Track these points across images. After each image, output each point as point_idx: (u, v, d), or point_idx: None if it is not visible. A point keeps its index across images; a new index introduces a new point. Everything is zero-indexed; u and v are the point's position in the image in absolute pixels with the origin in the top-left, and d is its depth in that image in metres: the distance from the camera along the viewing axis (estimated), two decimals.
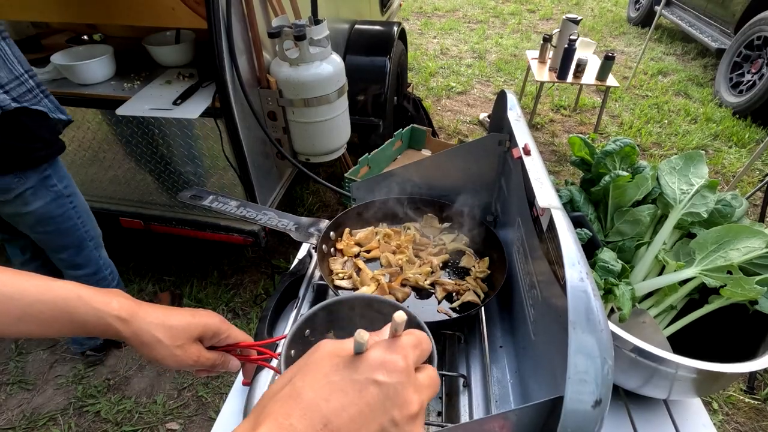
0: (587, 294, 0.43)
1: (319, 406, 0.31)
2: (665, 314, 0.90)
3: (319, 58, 1.75)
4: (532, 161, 0.67)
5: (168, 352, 0.55)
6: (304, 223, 1.06)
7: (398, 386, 0.33)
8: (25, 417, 1.75)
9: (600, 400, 0.41)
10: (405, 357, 0.34)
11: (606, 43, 5.48)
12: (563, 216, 0.53)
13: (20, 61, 1.25)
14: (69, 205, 1.49)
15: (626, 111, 4.02)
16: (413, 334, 0.37)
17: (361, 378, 0.32)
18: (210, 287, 2.29)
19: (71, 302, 0.51)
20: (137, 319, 0.53)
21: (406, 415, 0.33)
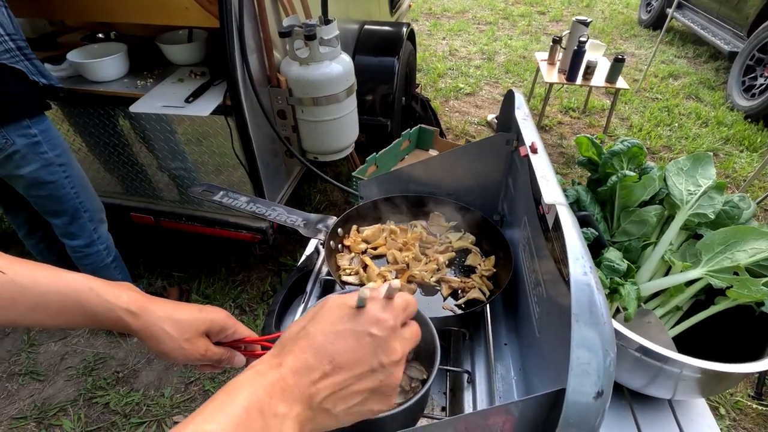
0: (590, 287, 0.44)
1: (326, 347, 0.41)
2: (671, 315, 0.90)
3: (329, 58, 1.76)
4: (539, 159, 0.67)
5: (176, 346, 0.56)
6: (312, 220, 1.08)
7: (387, 339, 0.43)
8: (37, 407, 1.79)
9: (602, 392, 0.42)
10: (395, 317, 0.44)
11: (616, 46, 5.44)
12: (568, 212, 0.53)
13: (2, 23, 1.34)
14: (62, 173, 1.55)
15: (636, 114, 3.99)
16: (403, 297, 0.47)
17: (360, 329, 0.43)
18: (218, 283, 2.32)
19: (83, 294, 0.53)
20: (146, 312, 0.55)
21: (391, 359, 0.43)
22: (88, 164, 1.99)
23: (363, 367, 0.42)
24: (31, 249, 1.92)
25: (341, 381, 0.41)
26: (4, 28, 1.34)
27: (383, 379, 0.43)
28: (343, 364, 0.41)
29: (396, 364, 0.43)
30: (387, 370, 0.43)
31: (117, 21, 2.10)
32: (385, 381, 0.43)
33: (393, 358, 0.43)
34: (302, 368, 0.40)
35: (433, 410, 0.81)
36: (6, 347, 2.02)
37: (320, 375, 0.40)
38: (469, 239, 1.09)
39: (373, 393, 0.43)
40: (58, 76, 1.77)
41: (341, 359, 0.41)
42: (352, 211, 1.10)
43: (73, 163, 1.60)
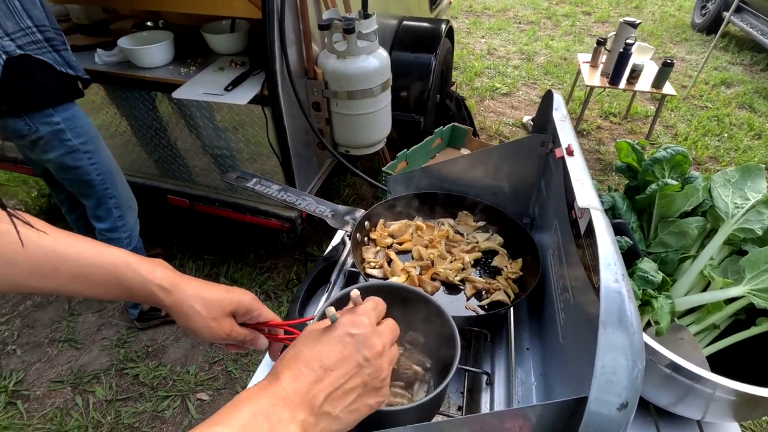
0: (621, 295, 0.42)
1: (315, 356, 0.46)
2: (707, 333, 0.86)
3: (366, 52, 1.77)
4: (575, 162, 0.65)
5: (203, 323, 0.58)
6: (340, 211, 1.09)
7: (365, 335, 0.48)
8: (73, 373, 1.90)
9: (626, 404, 0.41)
10: (368, 316, 0.50)
11: (665, 50, 5.20)
12: (602, 217, 0.52)
13: (32, 16, 1.37)
14: (87, 160, 1.60)
15: (682, 122, 3.80)
16: (370, 300, 0.53)
17: (340, 333, 0.48)
18: (246, 269, 2.38)
19: (121, 268, 0.55)
20: (178, 290, 0.57)
21: (374, 353, 0.47)
22: (132, 146, 2.08)
23: (350, 364, 0.46)
24: (72, 224, 2.03)
25: (334, 381, 0.45)
26: (33, 20, 1.38)
27: (371, 372, 0.47)
28: (332, 366, 0.45)
29: (379, 355, 0.48)
30: (372, 364, 0.47)
31: (166, 10, 2.18)
32: (373, 374, 0.47)
33: (375, 350, 0.47)
34: (298, 379, 0.44)
35: (450, 408, 0.80)
36: (49, 315, 2.15)
37: (314, 379, 0.44)
38: (496, 240, 1.07)
39: (365, 387, 0.47)
40: (109, 62, 1.87)
41: (330, 362, 0.45)
42: (379, 205, 1.10)
43: (101, 150, 1.64)
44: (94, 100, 1.95)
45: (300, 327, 0.85)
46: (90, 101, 1.95)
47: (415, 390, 0.74)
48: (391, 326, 0.52)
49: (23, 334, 2.05)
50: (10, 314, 2.14)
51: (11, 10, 1.32)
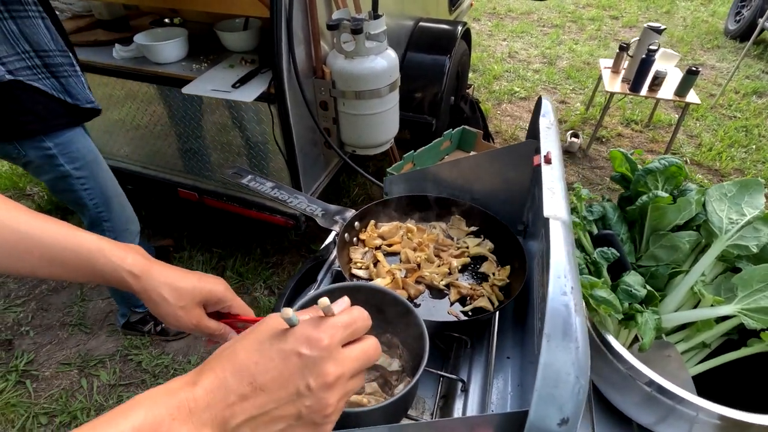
0: (568, 308, 0.41)
1: (249, 367, 0.38)
2: (696, 351, 0.82)
3: (375, 53, 1.77)
4: (551, 170, 0.64)
5: (171, 311, 0.58)
6: (331, 210, 1.10)
7: (317, 359, 0.38)
8: (80, 356, 1.97)
9: (567, 419, 0.39)
10: (330, 336, 0.40)
11: (695, 56, 5.02)
12: (562, 228, 0.50)
13: (31, 40, 1.29)
14: (80, 186, 1.52)
15: (707, 131, 3.67)
16: (350, 312, 0.43)
17: (287, 348, 0.39)
18: (252, 263, 2.42)
19: (93, 253, 0.57)
20: (148, 276, 0.58)
21: (321, 383, 0.38)
22: (146, 140, 2.14)
23: (287, 390, 0.38)
24: None
25: (261, 404, 0.38)
26: (32, 44, 1.29)
27: (311, 405, 0.39)
28: (264, 386, 0.38)
29: (328, 388, 0.39)
30: (315, 395, 0.39)
31: (183, 7, 2.23)
32: (312, 407, 0.39)
33: (325, 380, 0.38)
34: (219, 389, 0.37)
35: (423, 414, 0.80)
36: (62, 299, 2.23)
37: (238, 397, 0.37)
38: (487, 246, 1.06)
39: (300, 420, 0.39)
40: (126, 57, 1.92)
41: (263, 380, 0.38)
42: (372, 206, 1.10)
43: (98, 175, 1.55)
44: (111, 94, 2.01)
45: None
46: (107, 95, 2.01)
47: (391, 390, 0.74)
48: (362, 352, 0.42)
49: (37, 317, 2.14)
50: (26, 297, 2.23)
51: (5, 33, 1.24)
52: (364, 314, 0.44)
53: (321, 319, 0.41)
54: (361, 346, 0.43)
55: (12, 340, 2.03)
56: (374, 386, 0.72)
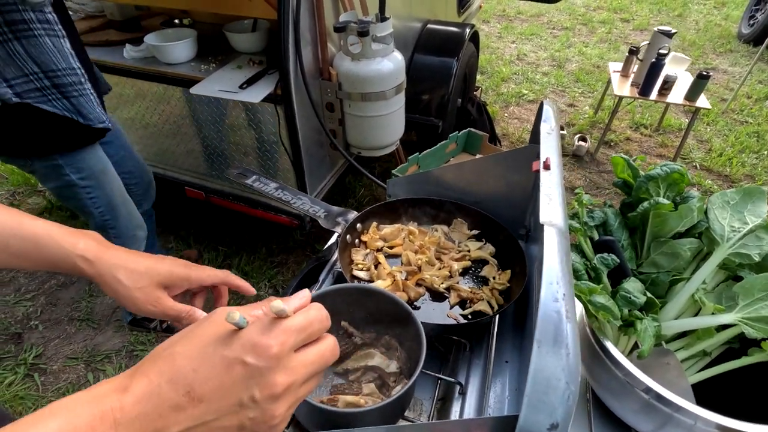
0: (559, 315, 0.41)
1: (187, 374, 0.34)
2: (696, 359, 0.82)
3: (381, 55, 1.78)
4: (549, 177, 0.64)
5: (127, 294, 0.56)
6: (333, 212, 1.10)
7: (264, 370, 0.35)
8: (87, 351, 2.00)
9: (557, 425, 0.40)
10: (281, 343, 0.35)
11: (707, 61, 4.97)
12: (557, 235, 0.50)
13: (39, 61, 1.23)
14: (85, 195, 1.50)
15: (718, 136, 3.63)
16: (306, 313, 0.38)
17: (231, 356, 0.35)
18: (257, 262, 2.44)
19: (42, 240, 0.55)
20: (101, 261, 0.56)
21: (267, 395, 0.35)
22: (154, 138, 2.17)
23: (228, 400, 0.35)
24: None
25: (198, 415, 0.34)
26: (40, 65, 1.23)
27: (254, 416, 0.36)
28: (203, 396, 0.34)
29: (275, 398, 0.36)
30: (260, 407, 0.35)
31: (192, 8, 2.26)
32: (256, 419, 0.36)
33: (272, 391, 0.35)
34: (150, 397, 0.33)
35: (421, 415, 0.80)
36: (71, 294, 2.27)
37: (172, 407, 0.33)
38: (488, 250, 1.06)
39: (243, 431, 0.36)
40: (136, 57, 1.95)
41: (201, 390, 0.34)
42: (374, 208, 1.11)
43: (104, 185, 1.52)
44: (122, 93, 2.04)
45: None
46: (117, 94, 2.04)
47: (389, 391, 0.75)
48: (317, 355, 0.39)
49: (46, 311, 2.18)
50: (35, 291, 2.27)
51: (12, 55, 1.19)
52: (322, 314, 0.40)
53: (272, 321, 0.36)
54: (316, 350, 0.39)
55: (21, 333, 2.07)
56: (372, 387, 0.73)
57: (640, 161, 0.90)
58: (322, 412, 0.61)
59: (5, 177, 2.98)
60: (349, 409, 0.64)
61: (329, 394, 0.73)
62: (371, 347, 0.79)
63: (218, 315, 0.38)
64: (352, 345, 0.79)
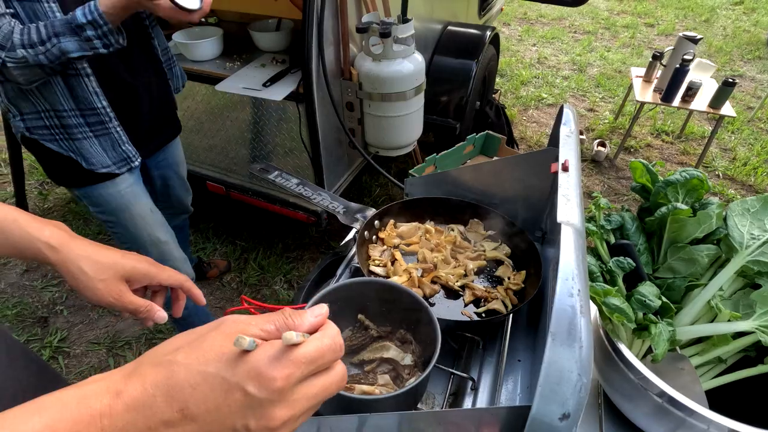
0: (573, 309, 0.43)
1: (185, 389, 0.33)
2: (711, 366, 0.82)
3: (402, 56, 1.80)
4: (567, 178, 0.65)
5: (90, 284, 0.57)
6: (352, 208, 1.13)
7: (264, 402, 0.33)
8: (109, 337, 2.07)
9: (568, 415, 0.41)
10: (287, 376, 0.33)
11: (734, 67, 4.85)
12: (574, 233, 0.52)
13: (48, 98, 1.18)
14: (108, 228, 1.46)
15: (743, 145, 3.55)
16: (321, 342, 0.36)
17: (233, 380, 0.33)
18: (273, 257, 2.48)
19: (7, 224, 0.55)
20: (66, 249, 0.57)
21: (263, 426, 0.34)
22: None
23: (221, 424, 0.33)
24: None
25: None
26: (49, 102, 1.19)
27: None
28: (196, 417, 0.33)
29: (269, 430, 0.34)
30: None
31: (219, 8, 2.32)
32: None
33: (268, 424, 0.34)
34: (143, 407, 0.32)
35: (433, 408, 0.82)
36: None
37: (163, 422, 0.32)
38: (503, 250, 1.07)
39: None
40: None
41: (197, 410, 0.33)
42: (392, 206, 1.13)
43: (126, 222, 1.43)
44: None
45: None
46: None
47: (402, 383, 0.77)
48: (322, 389, 0.36)
49: (71, 297, 2.26)
50: (61, 278, 2.35)
51: (25, 90, 1.16)
52: (336, 343, 0.37)
53: (283, 350, 0.34)
54: (322, 383, 0.36)
55: (47, 317, 2.15)
56: (386, 378, 0.75)
57: (660, 166, 0.90)
58: (338, 397, 0.64)
59: (35, 167, 3.09)
60: (364, 396, 0.66)
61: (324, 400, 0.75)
62: (386, 340, 0.81)
63: (227, 326, 0.36)
64: (369, 337, 0.81)
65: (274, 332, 0.36)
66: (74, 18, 1.03)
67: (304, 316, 0.37)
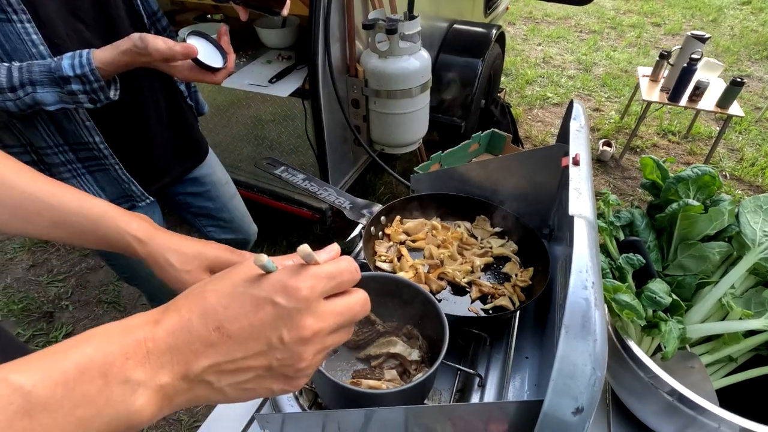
0: (587, 302, 0.42)
1: (217, 311, 0.35)
2: (722, 365, 0.81)
3: (408, 53, 1.80)
4: (579, 172, 0.65)
5: (177, 276, 0.59)
6: (359, 204, 1.13)
7: (293, 311, 0.35)
8: None
9: (582, 409, 0.41)
10: (311, 287, 0.35)
11: (741, 68, 4.81)
12: (586, 226, 0.51)
13: (27, 134, 0.99)
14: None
15: (750, 146, 3.52)
16: (337, 263, 0.38)
17: (261, 295, 0.35)
18: (277, 254, 2.47)
19: (99, 217, 0.58)
20: (153, 242, 0.59)
21: (296, 336, 0.35)
22: None
23: (257, 339, 0.35)
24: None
25: (227, 352, 0.34)
26: (29, 138, 1.00)
27: (282, 358, 0.36)
28: (232, 334, 0.34)
29: (303, 342, 0.35)
30: (288, 349, 0.35)
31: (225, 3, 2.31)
32: (284, 361, 0.36)
33: (300, 334, 0.35)
34: (182, 331, 0.34)
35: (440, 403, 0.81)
36: (99, 277, 2.35)
37: (202, 342, 0.34)
38: (510, 247, 1.06)
39: (270, 371, 0.36)
40: None
41: (231, 328, 0.34)
42: (398, 202, 1.13)
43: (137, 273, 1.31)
44: None
45: None
46: None
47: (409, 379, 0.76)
48: (346, 306, 0.38)
49: (76, 292, 2.27)
50: (67, 273, 2.37)
51: (8, 124, 0.98)
52: (352, 265, 0.39)
53: (302, 267, 0.36)
54: (346, 301, 0.38)
55: (53, 312, 2.16)
56: (393, 374, 0.75)
57: (670, 163, 0.89)
58: (345, 391, 0.63)
59: None
60: (371, 390, 0.66)
61: (351, 378, 0.75)
62: (392, 335, 0.81)
63: (249, 260, 0.38)
64: (375, 332, 0.81)
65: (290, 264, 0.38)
66: (59, 68, 0.83)
67: (318, 253, 0.39)
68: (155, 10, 1.14)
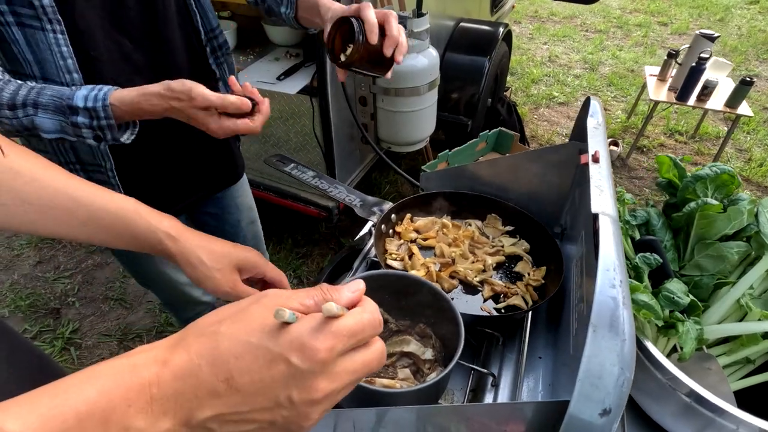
0: (616, 301, 0.41)
1: (229, 361, 0.33)
2: (739, 366, 0.80)
3: (416, 51, 1.79)
4: (599, 169, 0.64)
5: (208, 274, 0.60)
6: (369, 202, 1.12)
7: (307, 373, 0.33)
8: (120, 329, 2.08)
9: (609, 410, 0.40)
10: (329, 348, 0.33)
11: (749, 67, 4.78)
12: (612, 224, 0.50)
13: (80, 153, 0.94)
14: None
15: (759, 146, 3.49)
16: (361, 317, 0.35)
17: (276, 351, 0.33)
18: (283, 252, 2.48)
19: (130, 215, 0.58)
20: (184, 239, 0.59)
21: (306, 398, 0.34)
22: None
23: (265, 396, 0.33)
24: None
25: (234, 404, 0.33)
26: (70, 153, 0.93)
27: (288, 416, 0.34)
28: (241, 387, 0.33)
29: (312, 403, 0.34)
30: (295, 408, 0.34)
31: (232, 0, 2.31)
32: (290, 419, 0.34)
33: (311, 396, 0.33)
34: (190, 377, 0.32)
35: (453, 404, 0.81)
36: (106, 274, 2.36)
37: (209, 392, 0.32)
38: (522, 246, 1.06)
39: (273, 425, 0.35)
40: None
41: (241, 381, 0.33)
42: (409, 200, 1.12)
43: (142, 268, 1.30)
44: None
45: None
46: None
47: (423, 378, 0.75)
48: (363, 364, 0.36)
49: (82, 289, 2.27)
50: (73, 270, 2.37)
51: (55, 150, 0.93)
52: (376, 319, 0.37)
53: (324, 322, 0.34)
54: (363, 357, 0.36)
55: (60, 309, 2.17)
56: (407, 372, 0.74)
57: (686, 161, 0.88)
58: (360, 390, 0.63)
59: None
60: (386, 389, 0.65)
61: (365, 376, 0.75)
62: (406, 334, 0.80)
63: (270, 299, 0.36)
64: (388, 331, 0.80)
65: (313, 306, 0.36)
66: (71, 96, 0.76)
67: (341, 291, 0.37)
68: (214, 27, 1.05)
